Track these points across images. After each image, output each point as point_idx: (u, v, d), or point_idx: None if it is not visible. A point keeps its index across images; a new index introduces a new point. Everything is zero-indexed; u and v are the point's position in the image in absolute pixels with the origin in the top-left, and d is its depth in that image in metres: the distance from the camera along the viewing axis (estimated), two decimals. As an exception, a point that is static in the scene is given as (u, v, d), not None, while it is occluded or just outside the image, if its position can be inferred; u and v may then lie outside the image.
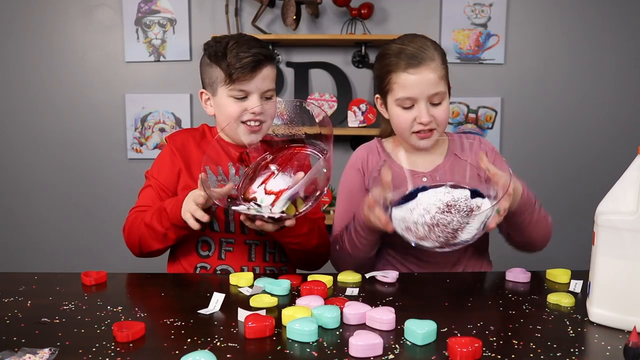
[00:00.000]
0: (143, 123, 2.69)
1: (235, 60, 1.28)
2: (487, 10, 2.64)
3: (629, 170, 0.94)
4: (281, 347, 0.85)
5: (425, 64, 1.29)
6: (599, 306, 0.95)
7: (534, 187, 2.96)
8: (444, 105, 1.32)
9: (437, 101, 1.31)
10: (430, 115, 1.31)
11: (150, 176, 1.37)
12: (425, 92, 1.30)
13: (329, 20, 2.64)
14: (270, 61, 1.33)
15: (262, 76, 1.31)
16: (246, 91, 1.31)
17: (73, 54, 2.66)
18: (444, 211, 1.12)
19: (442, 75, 1.31)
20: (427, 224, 1.07)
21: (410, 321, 0.89)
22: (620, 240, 0.92)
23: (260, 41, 1.35)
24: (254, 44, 1.31)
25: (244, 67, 1.28)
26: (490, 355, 0.82)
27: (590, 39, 2.66)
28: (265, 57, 1.30)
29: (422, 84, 1.29)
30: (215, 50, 1.31)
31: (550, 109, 2.71)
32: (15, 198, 2.74)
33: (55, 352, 0.82)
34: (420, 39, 1.34)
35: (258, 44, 1.32)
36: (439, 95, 1.30)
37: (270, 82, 1.34)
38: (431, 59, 1.30)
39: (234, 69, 1.28)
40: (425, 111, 1.31)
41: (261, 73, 1.30)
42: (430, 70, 1.29)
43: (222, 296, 1.03)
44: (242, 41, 1.31)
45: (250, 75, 1.29)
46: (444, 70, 1.32)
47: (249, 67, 1.28)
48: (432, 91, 1.29)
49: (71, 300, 1.05)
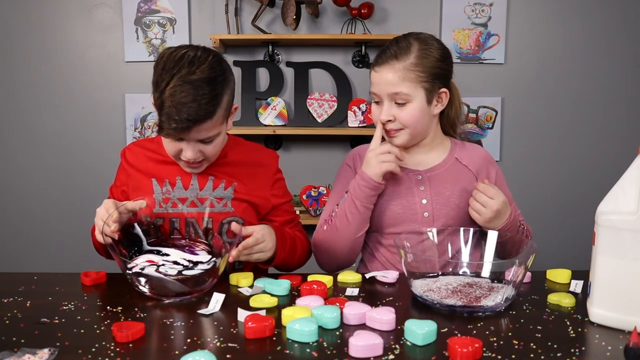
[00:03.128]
0: (143, 123, 2.69)
1: (166, 119, 1.13)
2: (487, 10, 2.64)
3: (629, 170, 0.94)
4: (281, 347, 0.85)
5: (388, 63, 1.29)
6: (600, 306, 0.95)
7: (534, 187, 2.98)
8: (409, 107, 1.29)
9: (400, 101, 1.29)
10: (392, 114, 1.30)
11: (110, 188, 1.41)
12: (384, 90, 1.30)
13: (329, 20, 2.64)
14: (209, 118, 1.15)
15: (196, 130, 1.16)
16: (181, 138, 1.20)
17: (73, 54, 2.65)
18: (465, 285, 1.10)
19: (408, 78, 1.27)
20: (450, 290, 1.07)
21: (410, 321, 0.89)
22: (620, 241, 0.92)
23: (208, 86, 1.14)
24: (192, 97, 1.12)
25: (174, 130, 1.14)
26: (490, 356, 0.82)
27: (590, 39, 2.66)
28: (200, 119, 1.14)
29: (382, 82, 1.30)
30: (159, 76, 1.16)
31: (550, 109, 2.71)
32: (15, 198, 2.74)
33: (55, 352, 0.82)
34: (408, 38, 1.31)
35: (200, 96, 1.12)
36: (400, 96, 1.28)
37: (208, 132, 1.19)
38: (396, 59, 1.28)
39: (163, 126, 1.15)
40: (386, 109, 1.31)
41: (196, 128, 1.16)
42: (390, 69, 1.28)
43: (222, 296, 1.03)
44: (182, 89, 1.12)
45: (183, 133, 1.17)
46: (413, 73, 1.27)
47: (178, 132, 1.15)
48: (391, 91, 1.28)
49: (71, 301, 1.05)
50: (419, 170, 1.39)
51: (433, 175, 1.38)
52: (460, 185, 1.37)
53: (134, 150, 1.38)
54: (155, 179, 1.32)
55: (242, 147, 1.40)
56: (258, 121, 2.59)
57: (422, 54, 1.29)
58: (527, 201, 2.74)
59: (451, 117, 1.43)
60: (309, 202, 2.59)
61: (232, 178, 1.33)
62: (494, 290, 1.06)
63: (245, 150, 1.39)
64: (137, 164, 1.35)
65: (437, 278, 1.13)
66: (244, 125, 2.59)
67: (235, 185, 1.33)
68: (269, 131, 2.53)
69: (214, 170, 1.33)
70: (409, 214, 1.36)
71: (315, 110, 2.60)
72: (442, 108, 1.35)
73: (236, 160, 1.36)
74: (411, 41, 1.30)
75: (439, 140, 1.42)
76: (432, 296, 1.03)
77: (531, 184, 2.75)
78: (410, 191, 1.37)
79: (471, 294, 1.04)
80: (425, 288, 1.07)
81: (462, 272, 1.17)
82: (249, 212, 1.34)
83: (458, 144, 1.44)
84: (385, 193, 1.37)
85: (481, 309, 1.00)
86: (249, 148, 1.40)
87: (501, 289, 1.05)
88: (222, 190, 1.32)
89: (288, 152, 2.72)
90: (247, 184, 1.34)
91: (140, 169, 1.34)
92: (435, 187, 1.37)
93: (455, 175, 1.38)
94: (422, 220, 1.35)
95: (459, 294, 1.04)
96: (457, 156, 1.40)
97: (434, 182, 1.37)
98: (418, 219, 1.35)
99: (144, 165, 1.34)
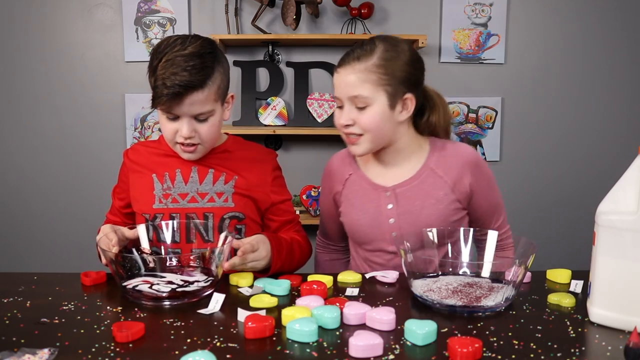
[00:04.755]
0: (143, 123, 2.69)
1: (160, 85, 1.17)
2: (487, 10, 2.64)
3: (629, 170, 0.94)
4: (281, 347, 0.85)
5: (350, 64, 1.24)
6: (600, 306, 0.95)
7: (534, 187, 2.98)
8: (369, 111, 1.23)
9: (360, 105, 1.23)
10: (351, 119, 1.25)
11: (113, 189, 1.45)
12: (344, 93, 1.25)
13: (329, 20, 2.64)
14: (200, 87, 1.19)
15: (189, 102, 1.19)
16: (174, 114, 1.22)
17: (73, 54, 2.65)
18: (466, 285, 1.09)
19: (369, 80, 1.21)
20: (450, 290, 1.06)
21: (410, 321, 0.89)
22: (620, 241, 0.92)
23: (199, 59, 1.19)
24: (183, 67, 1.17)
25: (166, 95, 1.17)
26: (490, 356, 0.82)
27: (590, 38, 2.66)
28: (191, 86, 1.17)
29: (342, 84, 1.25)
30: (151, 61, 1.21)
31: (551, 109, 2.71)
32: (15, 198, 2.74)
33: (55, 352, 0.82)
34: (374, 40, 1.26)
35: (190, 66, 1.17)
36: (360, 99, 1.22)
37: (202, 105, 1.21)
38: (357, 60, 1.23)
39: (156, 95, 1.19)
40: (346, 113, 1.25)
41: (188, 99, 1.19)
42: (350, 71, 1.23)
43: (222, 296, 1.03)
44: (174, 62, 1.17)
45: (175, 102, 1.19)
46: (375, 75, 1.22)
47: (170, 97, 1.17)
48: (350, 93, 1.23)
49: (71, 301, 1.05)
50: (386, 187, 1.33)
51: (402, 191, 1.32)
52: (431, 200, 1.30)
53: (135, 148, 1.41)
54: (155, 174, 1.33)
55: (242, 144, 1.41)
56: (258, 121, 2.59)
57: (386, 55, 1.23)
58: (526, 201, 2.75)
59: (441, 125, 1.37)
60: (308, 202, 2.59)
61: (232, 172, 1.34)
62: (494, 290, 1.06)
63: (245, 147, 1.41)
64: (138, 160, 1.38)
65: (437, 278, 1.13)
66: (244, 125, 2.59)
67: (236, 180, 1.33)
68: (269, 131, 2.53)
69: (213, 163, 1.33)
70: (377, 233, 1.33)
71: (315, 110, 2.60)
72: (407, 115, 1.28)
73: (236, 156, 1.37)
74: (377, 43, 1.25)
75: (414, 147, 1.34)
76: (432, 296, 1.03)
77: (531, 184, 2.75)
78: (377, 209, 1.33)
79: (471, 294, 1.04)
80: (425, 288, 1.07)
81: (462, 272, 1.17)
82: (249, 207, 1.34)
83: (438, 148, 1.34)
84: (355, 207, 1.36)
85: (481, 309, 1.00)
86: (248, 145, 1.42)
87: (501, 289, 1.05)
88: (222, 184, 1.32)
89: (288, 152, 2.72)
90: (247, 179, 1.34)
91: (142, 165, 1.36)
92: (404, 204, 1.31)
93: (426, 189, 1.31)
94: (390, 239, 1.33)
95: (459, 294, 1.04)
96: (433, 165, 1.32)
97: (402, 200, 1.32)
98: (386, 237, 1.33)
99: (145, 160, 1.36)
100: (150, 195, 1.32)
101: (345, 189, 1.39)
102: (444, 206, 1.30)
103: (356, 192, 1.37)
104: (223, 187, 1.32)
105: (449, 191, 1.31)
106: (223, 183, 1.33)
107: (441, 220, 1.29)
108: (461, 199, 1.32)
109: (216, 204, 1.31)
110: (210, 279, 1.09)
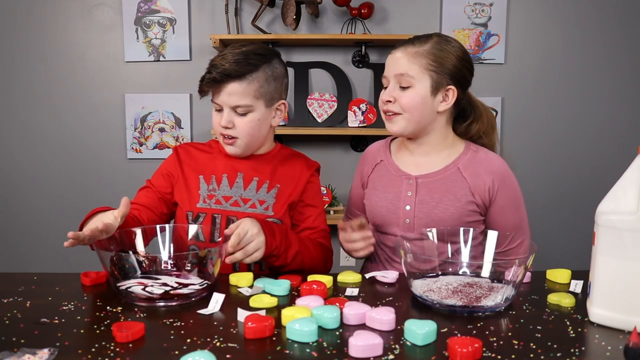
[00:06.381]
0: (143, 123, 2.68)
1: (206, 71, 1.30)
2: (487, 9, 2.64)
3: (629, 170, 0.94)
4: (281, 347, 0.85)
5: (403, 46, 1.31)
6: (599, 306, 0.95)
7: (534, 187, 2.97)
8: (411, 92, 1.28)
9: (404, 84, 1.29)
10: (393, 96, 1.30)
11: (148, 182, 1.42)
12: (392, 70, 1.31)
13: (329, 20, 2.64)
14: (237, 78, 1.27)
15: (226, 92, 1.29)
16: (216, 103, 1.32)
17: (73, 54, 2.65)
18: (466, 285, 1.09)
19: (417, 62, 1.28)
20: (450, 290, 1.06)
21: (410, 321, 0.89)
22: (620, 241, 0.92)
23: (245, 55, 1.29)
24: (229, 60, 1.27)
25: (207, 80, 1.29)
26: (490, 356, 0.82)
27: (590, 38, 2.66)
28: (227, 74, 1.27)
29: (392, 63, 1.31)
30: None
31: (551, 109, 2.71)
32: (14, 198, 2.74)
33: (55, 352, 0.82)
34: (430, 34, 1.34)
35: (235, 59, 1.27)
36: (405, 78, 1.28)
37: (239, 98, 1.28)
38: (412, 44, 1.30)
39: (202, 79, 1.30)
40: (389, 90, 1.31)
41: (226, 89, 1.28)
42: (402, 52, 1.30)
43: (222, 296, 1.03)
44: (225, 55, 1.29)
45: (214, 89, 1.30)
46: (424, 59, 1.28)
47: (209, 81, 1.29)
48: (397, 71, 1.29)
49: (70, 301, 1.05)
50: (410, 175, 1.36)
51: (425, 182, 1.34)
52: (450, 196, 1.32)
53: (185, 147, 1.44)
54: (202, 175, 1.37)
55: (288, 154, 1.44)
56: (258, 121, 2.59)
57: (439, 46, 1.30)
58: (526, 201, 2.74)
59: (481, 136, 1.40)
60: (309, 202, 2.59)
61: (275, 181, 1.37)
62: (494, 290, 1.06)
63: (290, 157, 1.43)
64: (187, 160, 1.41)
65: (437, 278, 1.13)
66: (244, 125, 2.59)
67: (278, 188, 1.36)
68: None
69: (258, 170, 1.37)
70: (392, 217, 1.36)
71: (315, 110, 2.60)
72: (446, 107, 1.31)
73: (280, 165, 1.39)
74: (432, 36, 1.33)
75: (448, 143, 1.37)
76: (432, 296, 1.03)
77: (531, 183, 2.74)
78: (397, 195, 1.36)
79: (471, 294, 1.04)
80: (425, 288, 1.07)
81: (462, 272, 1.17)
82: (288, 217, 1.38)
83: (471, 152, 1.36)
84: (377, 190, 1.39)
85: (481, 309, 1.00)
86: (294, 155, 1.44)
87: (501, 289, 1.05)
88: (264, 192, 1.35)
89: (288, 152, 2.72)
90: (287, 189, 1.37)
91: (190, 165, 1.39)
92: (423, 194, 1.34)
93: (448, 185, 1.33)
94: (403, 226, 1.34)
95: (459, 294, 1.04)
96: (461, 166, 1.34)
97: (422, 189, 1.34)
98: (400, 223, 1.35)
99: (193, 160, 1.40)
100: (196, 194, 1.35)
101: (374, 173, 1.44)
102: (461, 205, 1.32)
103: (382, 177, 1.41)
104: (265, 196, 1.36)
105: (469, 193, 1.33)
106: (266, 191, 1.36)
107: (455, 217, 1.31)
108: (479, 204, 1.33)
109: (257, 210, 1.34)
110: (206, 282, 1.09)
